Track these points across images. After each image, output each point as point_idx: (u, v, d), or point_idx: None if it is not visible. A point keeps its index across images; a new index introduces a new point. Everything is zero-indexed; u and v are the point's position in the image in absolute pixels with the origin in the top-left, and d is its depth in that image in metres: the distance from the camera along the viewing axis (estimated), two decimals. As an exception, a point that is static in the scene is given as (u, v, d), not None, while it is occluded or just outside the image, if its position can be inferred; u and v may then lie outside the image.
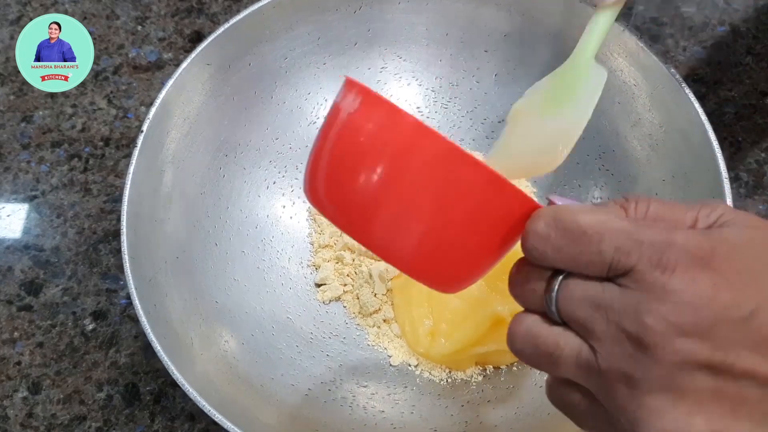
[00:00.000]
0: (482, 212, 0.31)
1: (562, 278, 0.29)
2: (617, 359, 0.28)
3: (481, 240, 0.31)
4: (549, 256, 0.29)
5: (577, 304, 0.29)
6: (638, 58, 0.51)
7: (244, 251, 0.54)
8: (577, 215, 0.29)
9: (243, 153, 0.56)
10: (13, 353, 0.55)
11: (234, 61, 0.53)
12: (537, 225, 0.30)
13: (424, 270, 0.32)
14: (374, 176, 0.30)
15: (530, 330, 0.30)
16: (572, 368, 0.29)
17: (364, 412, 0.50)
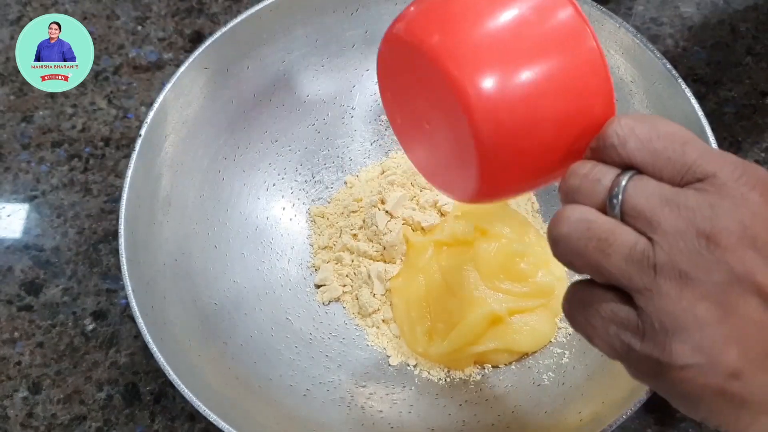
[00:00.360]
0: (577, 87, 0.30)
1: (632, 175, 0.29)
2: (679, 254, 0.27)
3: (562, 121, 0.30)
4: (629, 145, 0.29)
5: (647, 196, 0.28)
6: (635, 55, 0.51)
7: (244, 253, 0.55)
8: (668, 121, 0.29)
9: (242, 155, 0.56)
10: (14, 353, 0.56)
11: (232, 64, 0.53)
12: (625, 117, 0.29)
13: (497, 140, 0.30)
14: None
15: (585, 215, 0.29)
16: (622, 260, 0.28)
17: (362, 412, 0.50)
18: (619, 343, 0.29)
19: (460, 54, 0.30)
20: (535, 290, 0.52)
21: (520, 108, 0.29)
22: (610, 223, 0.28)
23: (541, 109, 0.30)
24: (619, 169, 0.29)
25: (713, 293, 0.27)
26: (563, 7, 0.30)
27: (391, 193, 0.55)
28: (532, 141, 0.30)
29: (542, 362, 0.52)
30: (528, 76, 0.29)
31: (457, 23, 0.30)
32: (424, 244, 0.54)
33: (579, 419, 0.46)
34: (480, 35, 0.30)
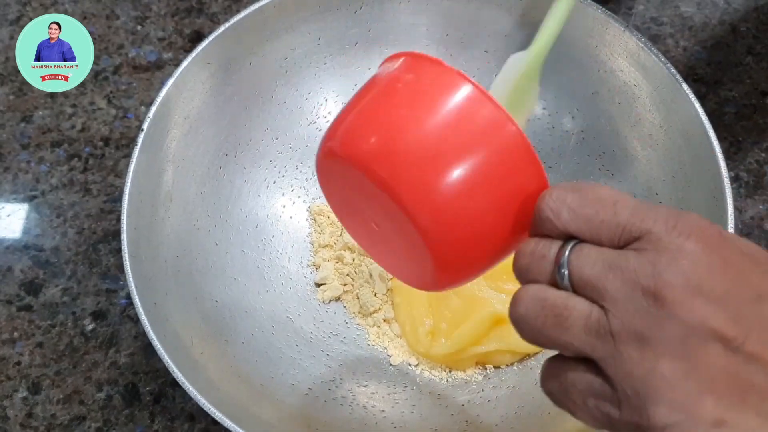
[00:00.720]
0: (506, 171, 0.31)
1: (575, 243, 0.29)
2: (631, 317, 0.27)
3: (499, 206, 0.32)
4: (563, 216, 0.29)
5: (591, 264, 0.28)
6: (639, 58, 0.51)
7: (244, 250, 0.54)
8: (596, 186, 0.30)
9: (243, 152, 0.56)
10: (13, 353, 0.55)
11: (235, 61, 0.53)
12: (554, 190, 0.30)
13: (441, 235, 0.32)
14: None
15: (538, 293, 0.30)
16: (581, 332, 0.28)
17: (364, 412, 0.50)
18: (600, 414, 0.29)
19: (393, 163, 0.31)
20: (537, 291, 0.52)
21: (458, 202, 0.31)
22: (562, 297, 0.29)
23: (477, 199, 0.31)
24: (560, 241, 0.30)
25: (673, 349, 0.27)
26: (480, 101, 0.32)
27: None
28: (477, 229, 0.32)
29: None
30: (459, 171, 0.31)
31: (386, 135, 0.32)
32: (426, 244, 0.54)
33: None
34: (408, 143, 0.31)
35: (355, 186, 0.34)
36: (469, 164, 0.31)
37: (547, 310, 0.29)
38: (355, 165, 0.32)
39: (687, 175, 0.50)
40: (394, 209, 0.32)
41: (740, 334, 0.27)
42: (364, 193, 0.34)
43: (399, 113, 0.32)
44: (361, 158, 0.32)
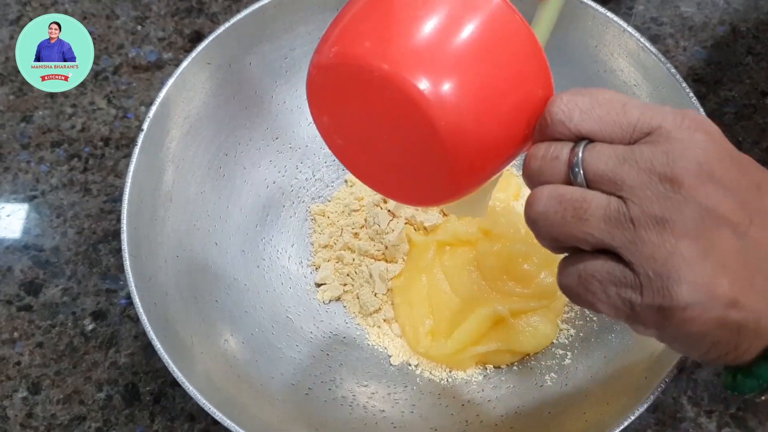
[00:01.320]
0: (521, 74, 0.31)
1: (587, 143, 0.30)
2: (649, 202, 0.28)
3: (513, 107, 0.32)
4: (575, 117, 0.30)
5: (605, 160, 0.29)
6: (639, 58, 0.51)
7: (244, 250, 0.54)
8: (604, 90, 0.31)
9: (243, 152, 0.56)
10: (13, 353, 0.55)
11: (235, 61, 0.53)
12: (564, 94, 0.31)
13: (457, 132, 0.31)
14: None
15: (555, 190, 0.31)
16: (600, 222, 0.29)
17: (364, 412, 0.50)
18: (621, 302, 0.30)
19: (410, 63, 0.30)
20: (537, 291, 0.52)
21: (474, 102, 0.31)
22: (579, 191, 0.30)
23: (491, 100, 0.31)
24: (571, 142, 0.31)
25: (692, 230, 0.28)
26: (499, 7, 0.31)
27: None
28: (490, 126, 0.31)
29: (544, 363, 0.52)
30: (473, 71, 0.30)
31: (393, 35, 0.31)
32: (427, 244, 0.54)
33: (584, 420, 0.46)
34: (418, 42, 0.30)
35: (354, 101, 0.33)
36: (482, 63, 0.31)
37: (565, 203, 0.30)
38: (365, 70, 0.31)
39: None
40: (403, 112, 0.30)
41: (745, 220, 0.29)
42: (365, 107, 0.32)
43: (400, 9, 0.31)
44: (365, 55, 0.31)
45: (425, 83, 0.30)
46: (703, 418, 0.52)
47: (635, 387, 0.44)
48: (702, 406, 0.53)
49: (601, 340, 0.51)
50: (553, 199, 0.30)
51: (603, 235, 0.29)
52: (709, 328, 0.29)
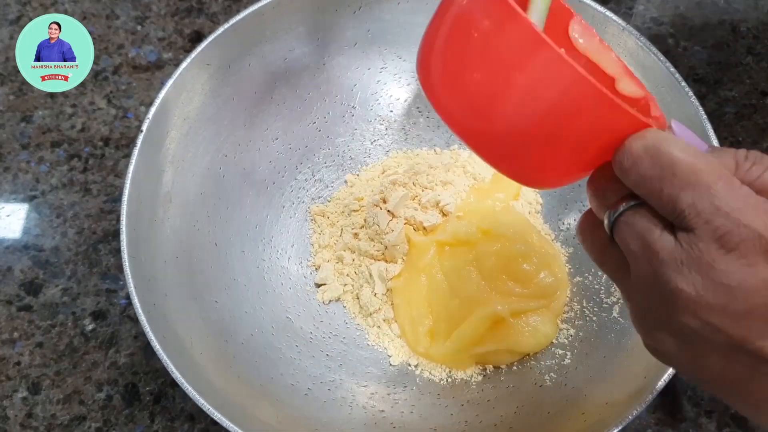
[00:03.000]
0: (590, 127, 0.30)
1: (632, 205, 0.30)
2: (642, 303, 0.29)
3: (583, 148, 0.31)
4: (631, 178, 0.29)
5: (630, 234, 0.29)
6: (638, 58, 0.51)
7: (244, 251, 0.54)
8: (679, 152, 0.28)
9: (243, 153, 0.56)
10: (13, 353, 0.55)
11: (234, 62, 0.53)
12: (635, 144, 0.29)
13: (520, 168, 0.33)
14: (485, 76, 0.31)
15: (587, 219, 0.33)
16: (612, 270, 0.32)
17: (364, 412, 0.50)
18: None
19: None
20: (537, 291, 0.52)
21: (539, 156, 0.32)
22: (604, 239, 0.32)
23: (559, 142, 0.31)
24: (623, 192, 0.30)
25: (674, 332, 0.29)
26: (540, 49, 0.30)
27: (393, 192, 0.55)
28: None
29: (544, 363, 0.52)
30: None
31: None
32: (426, 244, 0.54)
33: (583, 420, 0.46)
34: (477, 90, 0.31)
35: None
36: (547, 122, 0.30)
37: (591, 240, 0.33)
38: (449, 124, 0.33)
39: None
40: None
41: (751, 336, 0.27)
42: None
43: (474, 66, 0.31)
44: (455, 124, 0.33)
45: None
46: (703, 418, 0.52)
47: (635, 387, 0.44)
48: (702, 406, 0.53)
49: (600, 340, 0.51)
50: (586, 225, 0.33)
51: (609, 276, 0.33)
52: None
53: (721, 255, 0.27)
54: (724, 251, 0.27)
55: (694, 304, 0.27)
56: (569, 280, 0.54)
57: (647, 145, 0.28)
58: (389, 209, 0.55)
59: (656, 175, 0.28)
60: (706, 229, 0.27)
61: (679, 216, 0.27)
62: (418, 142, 0.60)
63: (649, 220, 0.29)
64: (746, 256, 0.26)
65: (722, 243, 0.27)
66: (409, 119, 0.60)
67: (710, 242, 0.27)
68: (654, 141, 0.28)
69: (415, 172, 0.57)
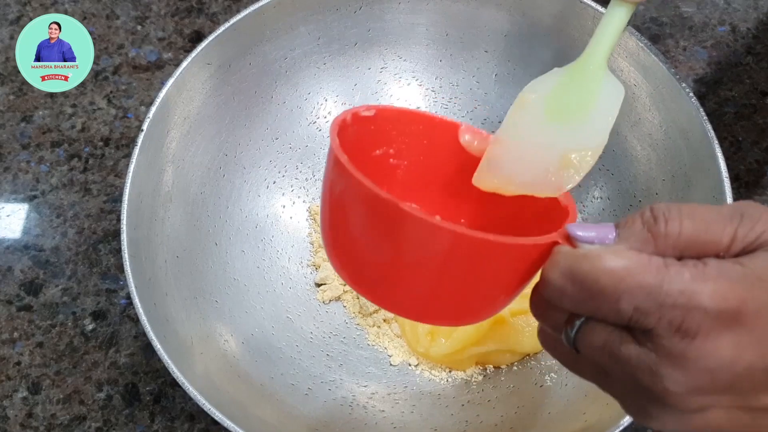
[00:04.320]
0: (494, 270, 0.30)
1: (582, 321, 0.28)
2: (632, 401, 0.28)
3: (496, 287, 0.31)
4: (565, 305, 0.28)
5: (594, 349, 0.28)
6: (638, 58, 0.51)
7: (244, 251, 0.54)
8: (595, 265, 0.27)
9: (243, 152, 0.56)
10: (13, 353, 0.55)
11: (234, 61, 0.53)
12: (551, 274, 0.28)
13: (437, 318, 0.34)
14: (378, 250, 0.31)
15: (549, 342, 0.31)
16: (590, 373, 0.30)
17: (364, 412, 0.50)
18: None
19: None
20: (537, 291, 0.52)
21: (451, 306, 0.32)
22: (572, 357, 0.30)
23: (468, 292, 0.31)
24: (567, 313, 0.29)
25: (675, 420, 0.28)
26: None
27: (393, 192, 0.55)
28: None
29: (544, 363, 0.52)
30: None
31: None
32: (426, 244, 0.54)
33: (584, 420, 0.46)
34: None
35: None
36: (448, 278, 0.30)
37: (559, 354, 0.31)
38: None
39: (687, 174, 0.50)
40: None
41: (748, 401, 0.27)
42: None
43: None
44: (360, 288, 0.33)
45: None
46: (703, 418, 0.52)
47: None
48: (702, 406, 0.52)
49: (600, 340, 0.51)
50: (548, 340, 0.31)
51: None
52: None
53: (688, 344, 0.26)
54: (689, 339, 0.26)
55: (684, 395, 0.26)
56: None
57: (563, 271, 0.28)
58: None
59: (587, 297, 0.27)
60: (662, 326, 0.26)
61: (631, 322, 0.27)
62: (418, 142, 0.60)
63: (606, 332, 0.28)
64: (709, 334, 0.26)
65: (683, 333, 0.26)
66: (410, 119, 0.60)
67: (672, 336, 0.26)
68: (567, 264, 0.27)
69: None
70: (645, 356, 0.27)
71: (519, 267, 0.30)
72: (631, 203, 0.54)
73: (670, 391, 0.26)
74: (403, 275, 0.31)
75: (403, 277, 0.31)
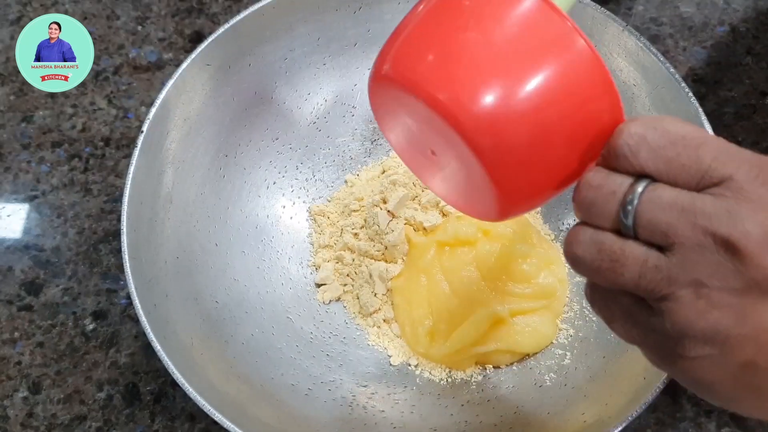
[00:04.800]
0: (576, 95, 0.29)
1: (649, 183, 0.28)
2: (694, 265, 0.27)
3: (566, 133, 0.30)
4: (642, 155, 0.28)
5: (662, 207, 0.27)
6: (638, 58, 0.51)
7: (244, 251, 0.55)
8: (678, 122, 0.28)
9: (243, 153, 0.56)
10: (14, 353, 0.55)
11: (234, 62, 0.53)
12: (633, 124, 0.28)
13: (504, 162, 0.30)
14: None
15: (595, 237, 0.29)
16: (635, 276, 0.28)
17: (364, 412, 0.50)
18: (636, 334, 0.29)
19: (449, 82, 0.29)
20: (537, 291, 0.52)
21: (521, 124, 0.29)
22: (619, 243, 0.28)
23: (543, 123, 0.29)
24: (632, 177, 0.28)
25: (729, 300, 0.26)
26: (546, 15, 0.29)
27: (393, 192, 0.55)
28: (541, 156, 0.30)
29: (544, 363, 0.52)
30: (523, 90, 0.29)
31: (440, 51, 0.30)
32: (426, 244, 0.54)
33: (583, 420, 0.46)
34: (465, 59, 0.29)
35: (410, 111, 0.32)
36: (534, 84, 0.29)
37: (603, 254, 0.29)
38: (409, 89, 0.30)
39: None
40: (453, 135, 0.30)
41: None
42: (420, 119, 0.32)
43: (454, 28, 0.29)
44: (415, 82, 0.30)
45: (466, 111, 0.29)
46: (703, 418, 0.52)
47: (634, 387, 0.44)
48: (702, 406, 0.53)
49: (600, 340, 0.51)
50: (592, 246, 0.29)
51: (635, 288, 0.28)
52: (718, 381, 0.28)
53: (767, 191, 0.26)
54: (767, 188, 0.26)
55: (759, 245, 0.26)
56: (569, 280, 0.54)
57: (645, 122, 0.28)
58: (389, 209, 0.55)
59: (668, 143, 0.27)
60: (743, 173, 0.26)
61: (707, 173, 0.27)
62: (418, 142, 0.60)
63: (672, 188, 0.27)
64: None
65: (762, 180, 0.26)
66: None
67: (753, 182, 0.26)
68: (651, 118, 0.28)
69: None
70: (723, 203, 0.26)
71: (605, 116, 0.29)
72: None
73: (752, 236, 0.26)
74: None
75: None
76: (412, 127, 0.34)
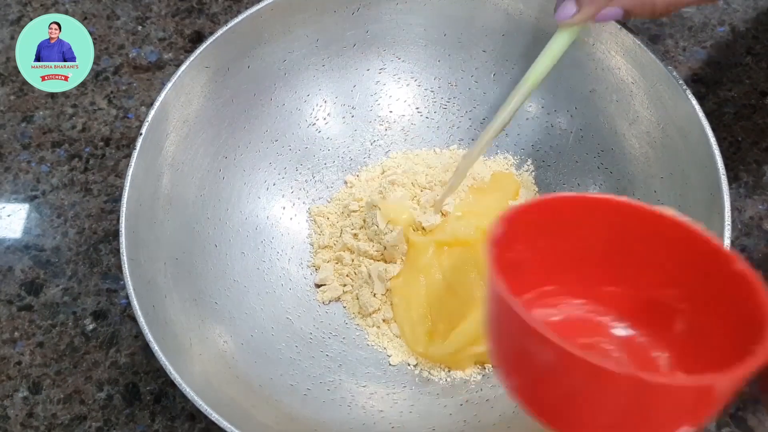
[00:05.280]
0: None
1: None
2: None
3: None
4: None
5: None
6: (635, 56, 0.51)
7: (244, 252, 0.55)
8: None
9: (242, 155, 0.56)
10: (14, 353, 0.56)
11: (233, 64, 0.53)
12: None
13: None
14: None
15: None
16: None
17: (363, 412, 0.50)
18: None
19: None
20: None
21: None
22: None
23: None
24: None
25: None
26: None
27: (392, 192, 0.55)
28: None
29: (543, 362, 0.52)
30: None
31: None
32: (425, 244, 0.54)
33: (581, 419, 0.46)
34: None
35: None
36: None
37: None
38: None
39: (684, 172, 0.49)
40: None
41: None
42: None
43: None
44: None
45: None
46: (701, 418, 0.52)
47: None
48: (700, 406, 0.53)
49: (599, 340, 0.51)
50: None
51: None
52: None
53: None
54: None
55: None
56: (568, 281, 0.54)
57: None
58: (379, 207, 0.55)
59: None
60: None
61: None
62: (417, 142, 0.60)
63: None
64: None
65: None
66: (409, 120, 0.60)
67: None
68: None
69: (415, 173, 0.57)
70: None
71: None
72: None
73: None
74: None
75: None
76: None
